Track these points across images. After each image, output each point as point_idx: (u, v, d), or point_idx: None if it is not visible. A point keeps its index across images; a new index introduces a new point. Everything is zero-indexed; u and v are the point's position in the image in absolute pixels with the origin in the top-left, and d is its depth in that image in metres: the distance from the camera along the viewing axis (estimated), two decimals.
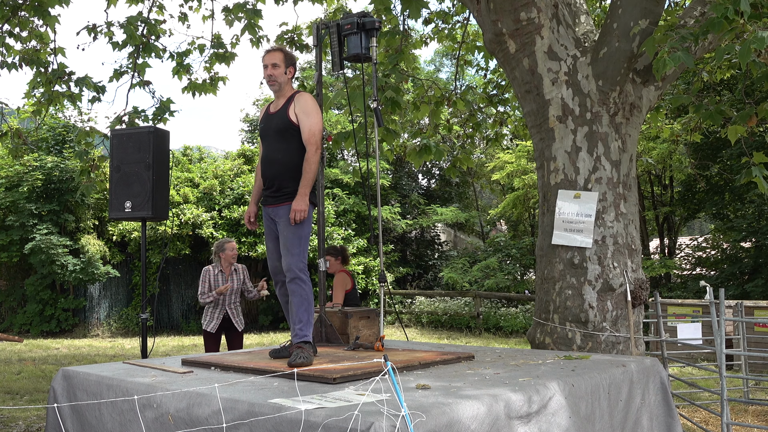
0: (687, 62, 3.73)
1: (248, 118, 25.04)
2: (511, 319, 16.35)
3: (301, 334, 3.61)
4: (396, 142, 8.12)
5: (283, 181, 3.79)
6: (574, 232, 4.56)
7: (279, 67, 3.88)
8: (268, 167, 3.88)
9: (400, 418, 2.07)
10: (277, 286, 3.95)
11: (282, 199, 3.79)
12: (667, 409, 3.59)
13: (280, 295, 3.96)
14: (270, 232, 3.93)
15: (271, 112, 3.95)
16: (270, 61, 3.88)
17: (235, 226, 16.78)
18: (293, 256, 3.68)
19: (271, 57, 3.89)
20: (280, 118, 3.84)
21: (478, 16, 5.05)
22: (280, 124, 3.82)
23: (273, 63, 3.87)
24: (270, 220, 3.91)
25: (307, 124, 3.78)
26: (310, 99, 3.87)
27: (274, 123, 3.86)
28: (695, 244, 17.81)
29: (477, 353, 3.98)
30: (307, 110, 3.80)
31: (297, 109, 3.81)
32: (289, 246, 3.70)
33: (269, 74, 3.88)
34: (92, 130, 8.09)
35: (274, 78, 3.88)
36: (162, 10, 7.86)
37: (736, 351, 6.05)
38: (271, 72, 3.87)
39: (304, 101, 3.83)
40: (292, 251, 3.69)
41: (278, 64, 3.88)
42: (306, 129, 3.77)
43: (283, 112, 3.84)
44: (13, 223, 15.36)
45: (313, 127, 3.78)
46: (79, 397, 3.33)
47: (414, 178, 24.46)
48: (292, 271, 3.66)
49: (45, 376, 9.07)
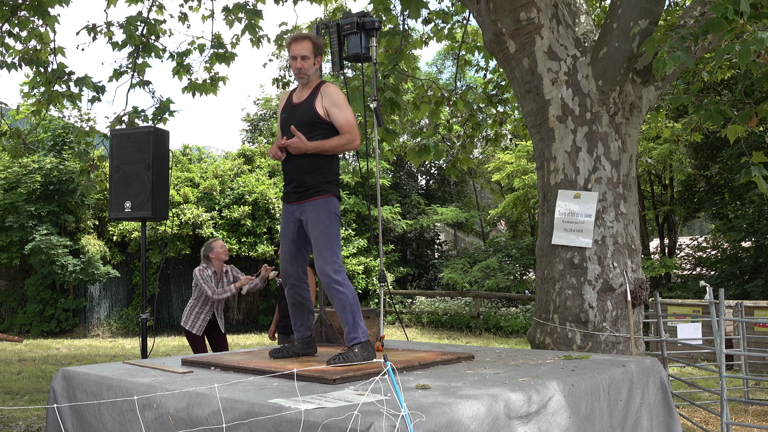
0: (687, 62, 3.73)
1: (249, 117, 25.03)
2: (512, 319, 16.36)
3: (350, 337, 3.45)
4: (396, 142, 8.12)
5: (307, 175, 3.59)
6: (574, 232, 4.56)
7: (309, 58, 3.64)
8: (291, 160, 3.64)
9: (399, 418, 2.07)
10: (286, 288, 3.78)
11: (307, 194, 3.60)
12: (667, 409, 3.59)
13: (289, 298, 3.79)
14: (287, 233, 3.72)
15: (295, 102, 3.73)
16: (299, 52, 3.62)
17: (235, 226, 16.79)
18: (323, 259, 3.47)
19: (300, 47, 3.63)
20: (306, 111, 3.63)
21: (477, 16, 5.05)
22: (305, 116, 3.61)
23: (302, 55, 3.62)
24: (290, 219, 3.71)
25: (342, 116, 3.59)
26: (339, 91, 3.66)
27: (298, 114, 3.65)
28: (695, 244, 17.82)
29: (477, 353, 3.97)
30: (337, 102, 3.60)
31: (326, 102, 3.60)
32: (319, 247, 3.51)
33: (299, 67, 3.63)
34: (92, 130, 8.10)
35: (304, 71, 3.65)
36: (162, 10, 7.86)
37: (736, 351, 6.05)
38: (301, 65, 3.63)
39: (332, 93, 3.62)
40: (322, 253, 3.48)
41: (307, 55, 3.63)
42: (343, 121, 3.58)
43: (308, 105, 3.64)
44: (13, 224, 15.36)
45: (349, 118, 3.59)
46: (79, 397, 3.33)
47: (414, 178, 24.47)
48: (325, 276, 3.46)
49: (45, 376, 9.07)
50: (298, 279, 3.76)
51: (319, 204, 3.58)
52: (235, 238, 16.51)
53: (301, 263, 3.77)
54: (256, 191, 16.90)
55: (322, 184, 3.61)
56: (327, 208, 3.59)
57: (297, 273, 3.75)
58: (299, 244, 3.74)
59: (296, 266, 3.74)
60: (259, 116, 24.72)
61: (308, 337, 3.81)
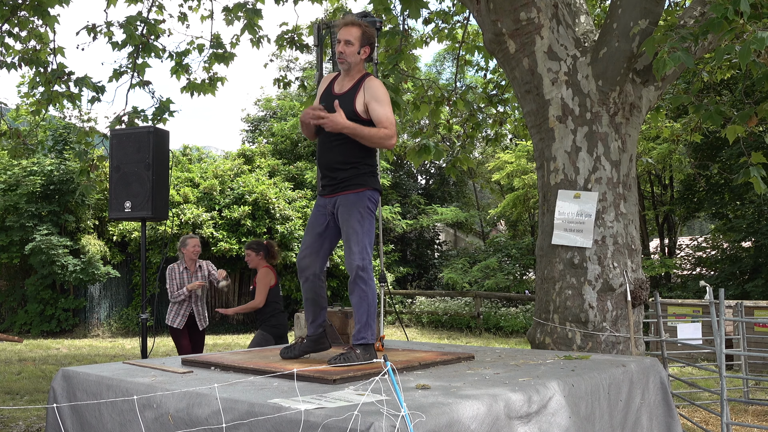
0: (687, 62, 3.73)
1: (249, 117, 25.02)
2: (511, 319, 16.36)
3: (358, 336, 3.38)
4: (396, 142, 8.11)
5: (340, 168, 3.50)
6: (574, 232, 4.56)
7: (353, 45, 3.49)
8: (325, 153, 3.55)
9: (399, 418, 2.07)
10: (302, 281, 3.67)
11: (339, 188, 3.50)
12: (666, 408, 3.59)
13: (304, 292, 3.68)
14: (314, 225, 3.62)
15: (336, 92, 3.58)
16: (344, 36, 3.48)
17: (235, 226, 16.78)
18: (352, 254, 3.39)
19: (346, 32, 3.49)
20: (346, 104, 3.47)
21: (477, 16, 5.05)
22: (344, 111, 3.46)
23: (346, 39, 3.47)
24: (321, 212, 3.61)
25: (382, 112, 3.44)
26: (381, 86, 3.51)
27: (337, 106, 3.50)
28: (695, 244, 17.82)
29: (477, 353, 3.97)
30: (379, 98, 3.46)
31: (367, 96, 3.46)
32: (349, 242, 3.42)
33: (340, 51, 3.49)
34: (92, 130, 8.10)
35: (344, 56, 3.49)
36: (161, 10, 7.86)
37: (736, 351, 6.04)
38: (342, 49, 3.48)
39: (375, 88, 3.47)
40: (351, 248, 3.40)
41: (352, 41, 3.48)
42: (382, 116, 3.44)
43: (349, 98, 3.50)
44: (14, 224, 15.36)
45: (390, 116, 3.45)
46: (78, 397, 3.33)
47: (414, 178, 24.48)
48: (352, 270, 3.38)
49: (45, 376, 9.07)
50: (315, 275, 3.65)
51: (351, 198, 3.48)
52: (235, 238, 16.50)
53: (321, 259, 3.66)
54: (256, 191, 16.90)
55: (355, 177, 3.50)
56: (360, 202, 3.48)
57: (315, 268, 3.64)
58: (324, 239, 3.63)
59: (315, 261, 3.63)
60: (259, 117, 24.73)
61: (320, 334, 3.71)
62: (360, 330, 3.40)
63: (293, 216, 17.10)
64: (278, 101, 23.68)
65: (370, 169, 3.56)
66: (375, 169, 3.60)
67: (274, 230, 16.86)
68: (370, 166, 3.57)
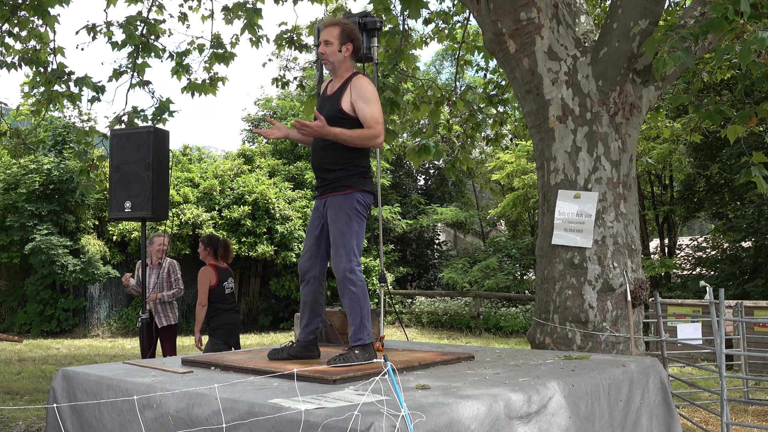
0: (687, 62, 3.73)
1: (249, 117, 25.02)
2: (511, 319, 16.36)
3: (355, 338, 3.39)
4: (395, 141, 8.12)
5: (329, 170, 3.52)
6: (574, 232, 4.56)
7: (332, 44, 3.53)
8: (316, 155, 3.58)
9: (399, 418, 2.07)
10: (302, 284, 3.68)
11: (330, 189, 3.52)
12: (666, 408, 3.59)
13: (302, 295, 3.68)
14: (312, 228, 3.64)
15: (327, 94, 3.63)
16: (323, 37, 3.54)
17: (235, 226, 16.78)
18: (339, 257, 3.40)
19: (325, 33, 3.54)
20: (332, 105, 3.51)
21: (478, 16, 5.05)
22: (331, 111, 3.49)
23: (325, 40, 3.53)
24: (316, 215, 3.64)
25: (368, 111, 3.44)
26: (369, 84, 3.50)
27: (326, 108, 3.53)
28: (695, 244, 17.82)
29: (477, 353, 3.97)
30: (365, 97, 3.45)
31: (354, 95, 3.46)
32: (336, 244, 3.43)
33: (321, 52, 3.55)
34: (92, 130, 8.09)
35: (326, 56, 3.54)
36: (161, 9, 7.86)
37: (736, 351, 6.05)
38: (323, 50, 3.54)
39: (361, 87, 3.47)
40: (338, 250, 3.41)
41: (330, 41, 3.52)
42: (367, 115, 3.43)
43: (336, 99, 3.52)
44: (13, 224, 15.36)
45: (375, 115, 3.44)
46: (78, 397, 3.33)
47: (413, 178, 24.48)
48: (339, 273, 3.40)
49: (45, 376, 9.07)
50: (316, 278, 3.65)
51: (339, 200, 3.49)
52: (235, 238, 16.50)
53: (321, 261, 3.66)
54: (256, 191, 16.90)
55: (344, 179, 3.49)
56: (347, 203, 3.48)
57: (315, 271, 3.64)
58: (321, 241, 3.63)
59: (315, 263, 3.64)
60: (259, 117, 24.73)
61: (310, 341, 3.67)
62: (356, 332, 3.40)
63: (293, 216, 17.10)
64: (278, 101, 23.69)
65: (360, 171, 3.55)
66: (366, 171, 3.59)
67: (273, 230, 16.87)
68: (361, 167, 3.56)
